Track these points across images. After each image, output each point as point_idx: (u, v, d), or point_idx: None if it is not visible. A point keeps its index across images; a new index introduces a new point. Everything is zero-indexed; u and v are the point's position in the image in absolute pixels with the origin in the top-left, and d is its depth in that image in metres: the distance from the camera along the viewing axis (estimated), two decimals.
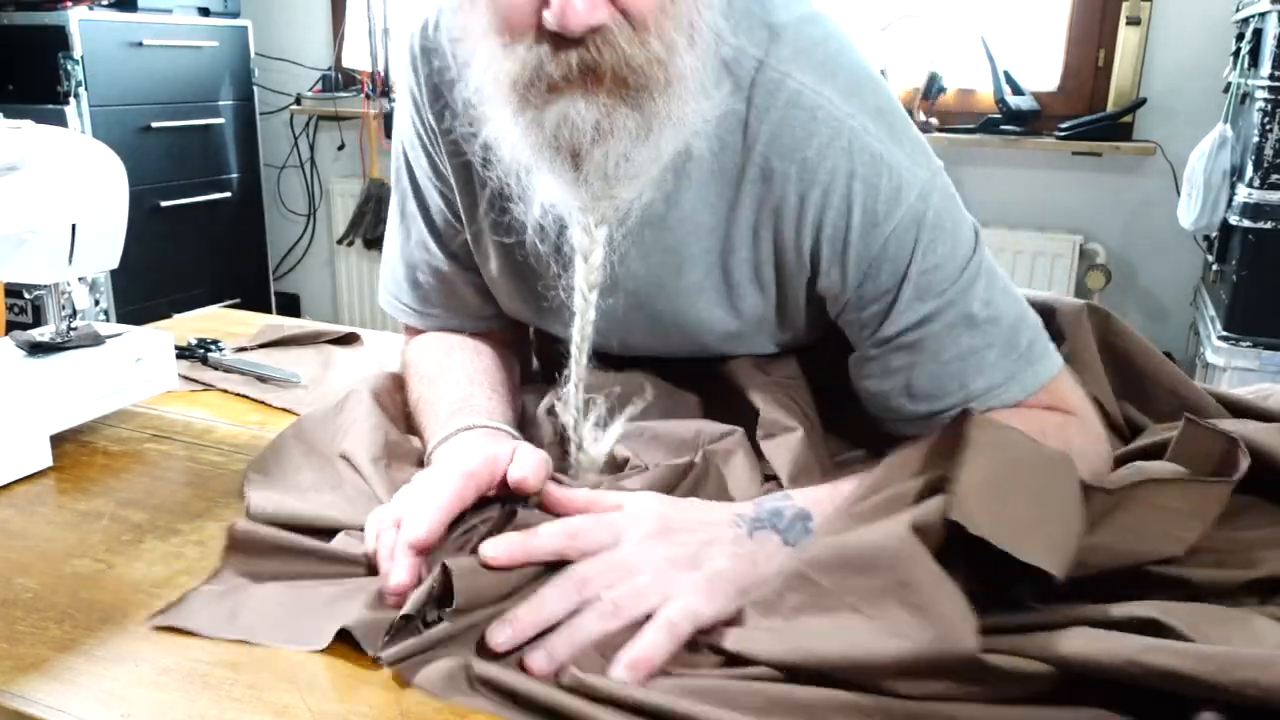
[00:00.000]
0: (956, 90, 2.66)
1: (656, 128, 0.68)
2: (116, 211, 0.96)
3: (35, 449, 0.87)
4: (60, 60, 2.71)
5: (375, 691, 0.58)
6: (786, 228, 0.76)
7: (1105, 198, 2.60)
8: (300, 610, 0.64)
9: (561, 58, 0.65)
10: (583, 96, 0.66)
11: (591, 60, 0.65)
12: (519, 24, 0.66)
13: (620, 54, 0.65)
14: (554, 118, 0.67)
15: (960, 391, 0.75)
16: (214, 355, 1.17)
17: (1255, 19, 1.97)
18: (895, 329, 0.75)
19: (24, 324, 2.77)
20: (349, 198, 3.35)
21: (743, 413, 0.84)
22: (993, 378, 0.75)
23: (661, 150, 0.70)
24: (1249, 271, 1.92)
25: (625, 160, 0.69)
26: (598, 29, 0.64)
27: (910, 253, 0.73)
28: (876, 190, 0.72)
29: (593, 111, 0.66)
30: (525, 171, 0.74)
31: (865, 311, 0.76)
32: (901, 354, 0.76)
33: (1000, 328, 0.75)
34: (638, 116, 0.68)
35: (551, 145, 0.68)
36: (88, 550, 0.74)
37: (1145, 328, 2.62)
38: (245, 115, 3.24)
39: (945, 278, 0.73)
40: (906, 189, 0.72)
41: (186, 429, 0.98)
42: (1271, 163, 1.87)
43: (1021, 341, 0.76)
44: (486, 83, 0.69)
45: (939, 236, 0.73)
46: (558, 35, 0.64)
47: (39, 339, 0.94)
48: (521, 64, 0.66)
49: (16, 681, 0.59)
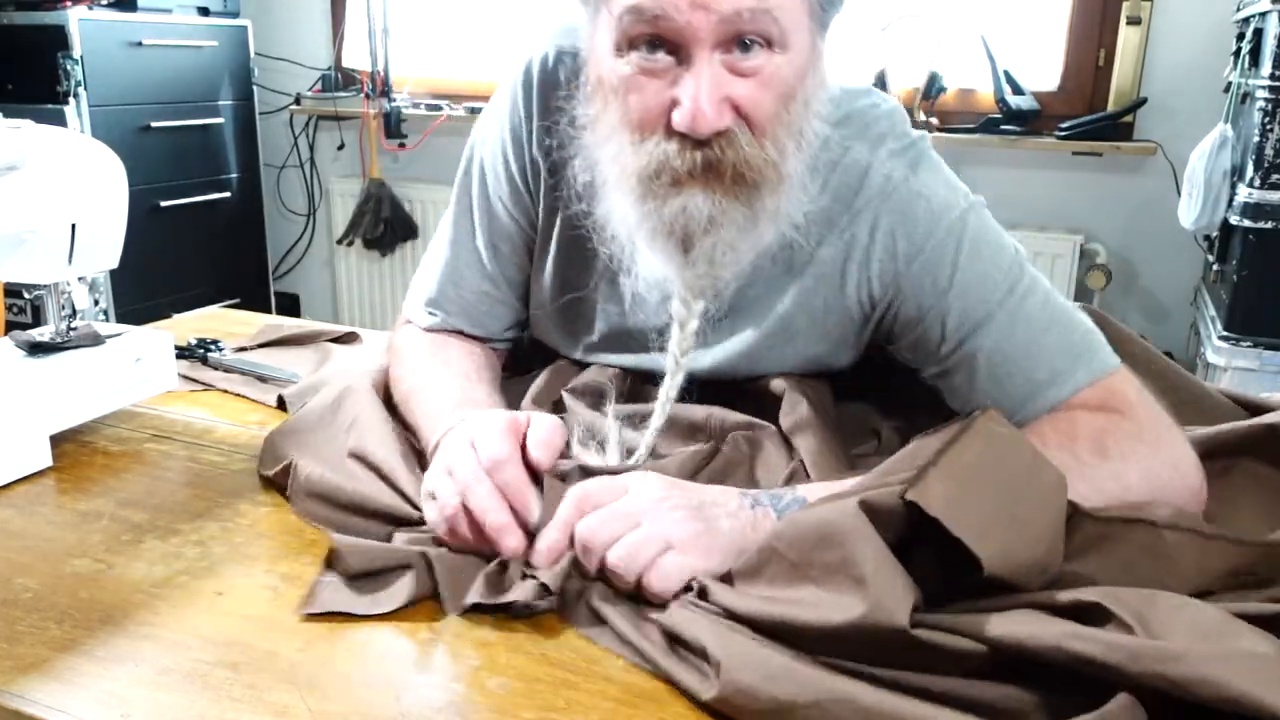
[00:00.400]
0: (956, 90, 2.66)
1: (762, 221, 0.77)
2: (116, 211, 0.96)
3: (35, 449, 0.87)
4: (60, 60, 2.71)
5: (375, 691, 0.58)
6: (847, 279, 0.84)
7: (1105, 198, 2.60)
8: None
9: (687, 155, 0.73)
10: (701, 191, 0.74)
11: (715, 159, 0.73)
12: (650, 123, 0.74)
13: (741, 154, 0.73)
14: (674, 209, 0.75)
15: (1026, 385, 0.78)
16: (214, 355, 1.17)
17: (1256, 19, 1.97)
18: (952, 343, 0.81)
19: (24, 324, 2.77)
20: (349, 198, 3.35)
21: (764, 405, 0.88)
22: (1056, 364, 0.78)
23: (761, 239, 0.79)
24: (1249, 271, 1.91)
25: (731, 249, 0.77)
26: (722, 132, 0.72)
27: (952, 266, 0.79)
28: (915, 220, 0.80)
29: (708, 205, 0.74)
30: (634, 248, 0.82)
31: (920, 331, 0.82)
32: (962, 366, 0.81)
33: (1055, 322, 0.79)
34: (746, 211, 0.76)
35: (666, 232, 0.76)
36: (88, 550, 0.74)
37: (1145, 328, 2.62)
38: (245, 115, 3.24)
39: (992, 286, 0.79)
40: (945, 212, 0.80)
41: (186, 429, 0.98)
42: (1272, 162, 1.87)
43: (1077, 334, 0.80)
44: (613, 173, 0.77)
45: (980, 250, 0.80)
46: (685, 135, 0.72)
47: (39, 339, 0.94)
48: (649, 158, 0.74)
49: (16, 682, 0.59)
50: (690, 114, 0.70)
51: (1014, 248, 0.83)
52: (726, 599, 0.62)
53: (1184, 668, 0.48)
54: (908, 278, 0.81)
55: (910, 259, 0.81)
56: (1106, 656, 0.50)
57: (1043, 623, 0.53)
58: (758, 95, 0.72)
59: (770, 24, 0.71)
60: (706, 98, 0.70)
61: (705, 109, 0.70)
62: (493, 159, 0.93)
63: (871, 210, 0.81)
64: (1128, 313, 2.65)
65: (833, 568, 0.58)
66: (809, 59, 0.75)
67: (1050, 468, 0.61)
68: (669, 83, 0.72)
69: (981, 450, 0.59)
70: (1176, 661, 0.48)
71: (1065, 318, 0.80)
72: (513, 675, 0.60)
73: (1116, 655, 0.49)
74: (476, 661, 0.61)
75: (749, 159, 0.73)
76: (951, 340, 0.80)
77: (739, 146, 0.73)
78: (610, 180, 0.78)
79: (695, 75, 0.70)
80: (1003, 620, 0.54)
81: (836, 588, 0.57)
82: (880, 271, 0.82)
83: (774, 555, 0.62)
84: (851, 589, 0.56)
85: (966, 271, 0.79)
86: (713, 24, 0.69)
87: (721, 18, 0.69)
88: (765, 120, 0.73)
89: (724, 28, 0.70)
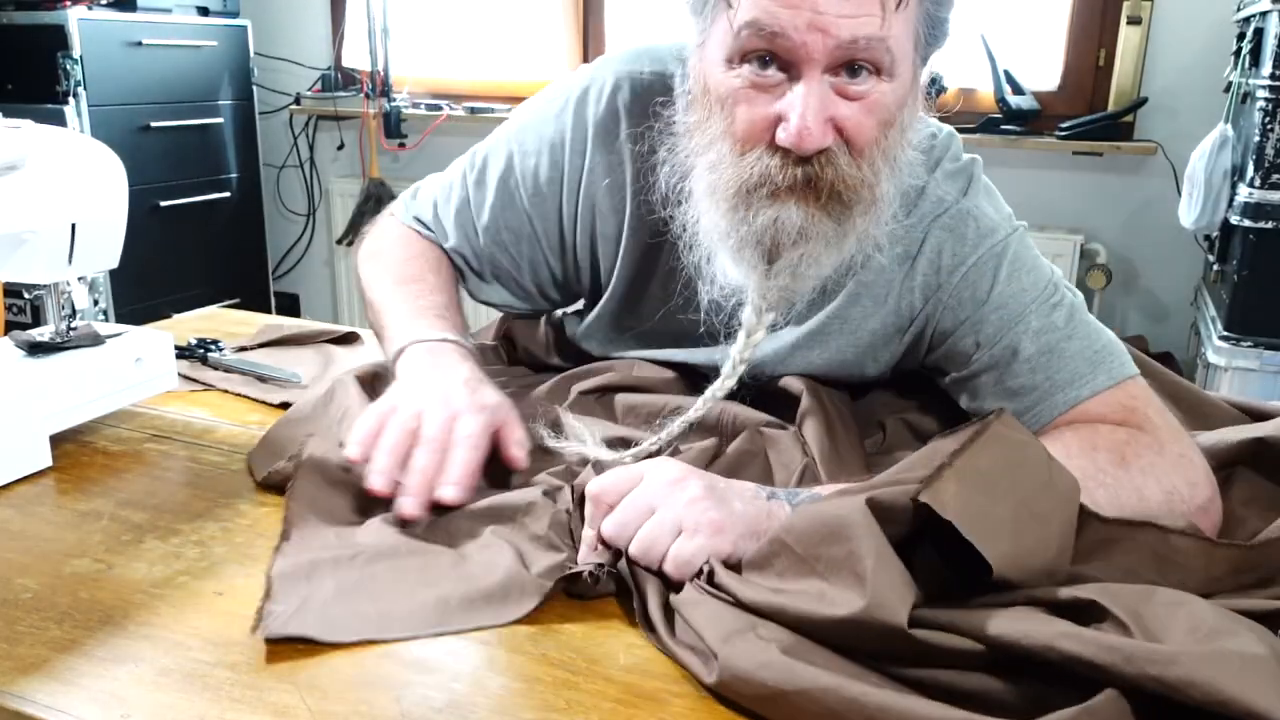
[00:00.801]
0: (957, 90, 2.66)
1: (849, 238, 0.79)
2: (116, 211, 0.95)
3: (35, 449, 0.87)
4: (59, 60, 2.71)
5: (375, 691, 0.58)
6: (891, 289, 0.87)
7: (1106, 197, 2.60)
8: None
9: (789, 170, 0.75)
10: (796, 204, 0.76)
11: (814, 175, 0.75)
12: (755, 136, 0.75)
13: (840, 173, 0.75)
14: (766, 219, 0.76)
15: (1045, 384, 0.81)
16: (214, 355, 1.17)
17: (1256, 18, 1.97)
18: (983, 354, 0.84)
19: (24, 324, 2.77)
20: (348, 198, 3.35)
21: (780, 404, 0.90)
22: (1077, 367, 0.81)
23: (845, 257, 0.81)
24: (1250, 271, 1.91)
25: (815, 262, 0.79)
26: (824, 150, 0.74)
27: (992, 281, 0.83)
28: (963, 238, 0.84)
29: (801, 217, 0.76)
30: (713, 254, 0.83)
31: (953, 343, 0.85)
32: (986, 370, 0.84)
33: (1078, 331, 0.83)
34: (836, 227, 0.78)
35: (755, 241, 0.78)
36: (87, 550, 0.74)
37: (1146, 328, 2.62)
38: (245, 115, 3.24)
39: (1027, 300, 0.83)
40: (991, 233, 0.84)
41: (186, 429, 0.98)
42: (1272, 162, 1.87)
43: (1100, 342, 0.83)
44: (710, 180, 0.79)
45: (1019, 270, 0.84)
46: (787, 150, 0.74)
47: (39, 339, 0.94)
48: (751, 171, 0.76)
49: (16, 682, 0.59)
50: (797, 131, 0.72)
51: (1051, 270, 0.86)
52: (732, 585, 0.62)
53: (1177, 670, 0.48)
54: (948, 289, 0.85)
55: (952, 271, 0.84)
56: (1100, 658, 0.50)
57: (1038, 621, 0.54)
58: (861, 119, 0.74)
59: (883, 53, 0.73)
60: (814, 117, 0.72)
61: (811, 127, 0.72)
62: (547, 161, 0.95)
63: (923, 227, 0.85)
64: (1128, 313, 2.65)
65: (837, 562, 0.58)
66: (910, 89, 0.78)
67: (1064, 473, 0.61)
68: (777, 97, 0.74)
69: (996, 454, 0.59)
70: (1169, 664, 0.49)
71: (1090, 329, 0.84)
72: (513, 675, 0.60)
73: (1110, 657, 0.50)
74: (476, 661, 0.61)
75: (846, 178, 0.75)
76: (983, 351, 0.84)
77: (839, 165, 0.75)
78: (702, 188, 0.80)
79: (805, 94, 0.72)
80: (999, 618, 0.54)
81: (841, 582, 0.57)
82: (923, 284, 0.86)
83: (783, 548, 0.62)
84: (854, 584, 0.56)
85: (1004, 287, 0.83)
86: (829, 47, 0.71)
87: (839, 43, 0.71)
88: (865, 144, 0.75)
89: (839, 52, 0.72)
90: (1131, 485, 0.72)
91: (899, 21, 0.72)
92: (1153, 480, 0.73)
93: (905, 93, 0.77)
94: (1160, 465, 0.74)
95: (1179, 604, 0.54)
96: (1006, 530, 0.56)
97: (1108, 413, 0.79)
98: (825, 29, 0.70)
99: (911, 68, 0.77)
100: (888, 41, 0.72)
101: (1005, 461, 0.59)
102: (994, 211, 0.86)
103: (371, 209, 3.25)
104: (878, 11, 0.71)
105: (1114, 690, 0.50)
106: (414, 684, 0.59)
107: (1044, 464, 0.61)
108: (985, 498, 0.57)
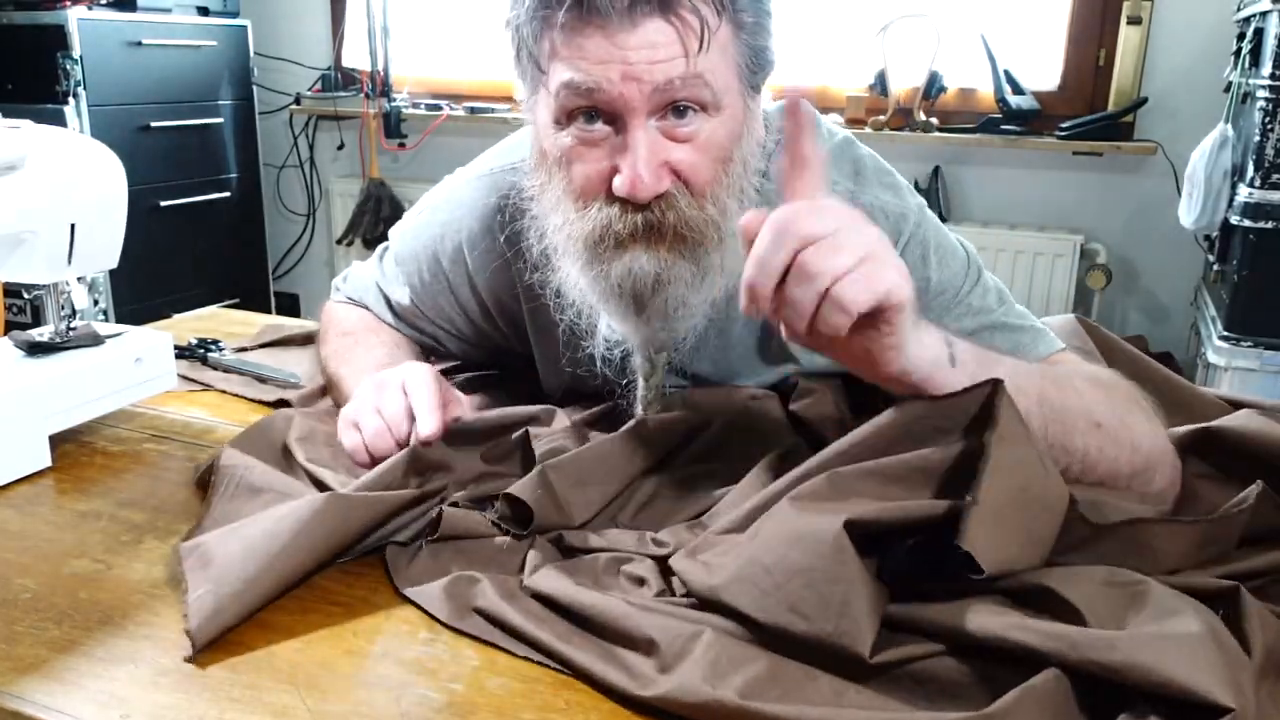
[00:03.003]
0: (957, 90, 2.66)
1: (710, 276, 0.79)
2: (116, 211, 0.95)
3: (35, 449, 0.87)
4: (59, 60, 2.71)
5: (375, 691, 0.58)
6: None
7: (1106, 197, 2.60)
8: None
9: (629, 218, 0.75)
10: (645, 251, 0.76)
11: (656, 220, 0.76)
12: (591, 191, 0.76)
13: (681, 216, 0.76)
14: (620, 270, 0.77)
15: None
16: (214, 355, 1.16)
17: (1256, 18, 1.97)
18: None
19: (23, 324, 2.77)
20: (348, 198, 3.35)
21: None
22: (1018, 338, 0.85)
23: (714, 292, 0.81)
24: (1250, 271, 1.91)
25: (683, 304, 0.80)
26: (662, 195, 0.75)
27: (923, 269, 0.83)
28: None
29: (654, 264, 0.77)
30: (592, 312, 0.84)
31: None
32: None
33: (1009, 308, 0.85)
34: (693, 267, 0.78)
35: (616, 293, 0.79)
36: (87, 551, 0.74)
37: (1145, 328, 2.62)
38: (244, 115, 3.24)
39: (956, 283, 0.84)
40: (902, 222, 0.83)
41: (186, 429, 0.98)
42: (1272, 162, 1.87)
43: (1028, 317, 0.85)
44: (561, 240, 0.80)
45: (944, 256, 0.84)
46: (626, 199, 0.75)
47: (38, 339, 0.94)
48: (593, 224, 0.76)
49: (16, 683, 0.59)
50: (629, 180, 0.73)
51: (962, 245, 0.87)
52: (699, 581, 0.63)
53: (1118, 655, 0.52)
54: None
55: None
56: (1046, 645, 0.54)
57: (992, 614, 0.57)
58: (694, 159, 0.75)
59: (702, 89, 0.73)
60: (644, 165, 0.73)
61: (643, 175, 0.73)
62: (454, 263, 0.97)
63: None
64: (1128, 313, 2.65)
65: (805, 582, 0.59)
66: (742, 120, 0.78)
67: (1056, 479, 0.63)
68: (608, 151, 0.75)
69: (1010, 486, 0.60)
70: (1111, 649, 0.52)
71: (1016, 306, 0.86)
72: (513, 675, 0.60)
73: (1056, 644, 0.53)
74: (476, 662, 0.61)
75: (689, 220, 0.76)
76: None
77: (679, 208, 0.75)
78: (560, 247, 0.81)
79: (633, 143, 0.73)
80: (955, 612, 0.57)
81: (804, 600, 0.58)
82: None
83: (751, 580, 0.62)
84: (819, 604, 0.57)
85: (938, 274, 0.84)
86: (646, 94, 0.72)
87: (655, 87, 0.72)
88: (704, 183, 0.76)
89: (657, 97, 0.72)
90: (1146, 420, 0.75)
91: (714, 56, 0.73)
92: (1156, 426, 0.76)
93: (737, 126, 0.77)
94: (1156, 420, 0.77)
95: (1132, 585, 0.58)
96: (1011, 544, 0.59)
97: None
98: (638, 77, 0.71)
99: (741, 98, 0.77)
100: (704, 77, 0.72)
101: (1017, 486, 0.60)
102: (894, 198, 0.85)
103: (371, 209, 3.25)
104: (682, 52, 0.71)
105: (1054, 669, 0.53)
106: (414, 684, 0.59)
107: (1041, 472, 0.62)
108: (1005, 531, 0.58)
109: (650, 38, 0.71)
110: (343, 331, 1.03)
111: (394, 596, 0.68)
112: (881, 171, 0.87)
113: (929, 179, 2.67)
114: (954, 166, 2.69)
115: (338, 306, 1.08)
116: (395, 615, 0.66)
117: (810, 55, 2.76)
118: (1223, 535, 0.67)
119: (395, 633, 0.64)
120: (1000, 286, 0.87)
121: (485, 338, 1.02)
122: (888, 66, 2.61)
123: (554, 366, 0.97)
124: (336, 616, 0.66)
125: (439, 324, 1.02)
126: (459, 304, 0.99)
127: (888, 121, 2.60)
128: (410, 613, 0.66)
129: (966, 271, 0.84)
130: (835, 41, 2.74)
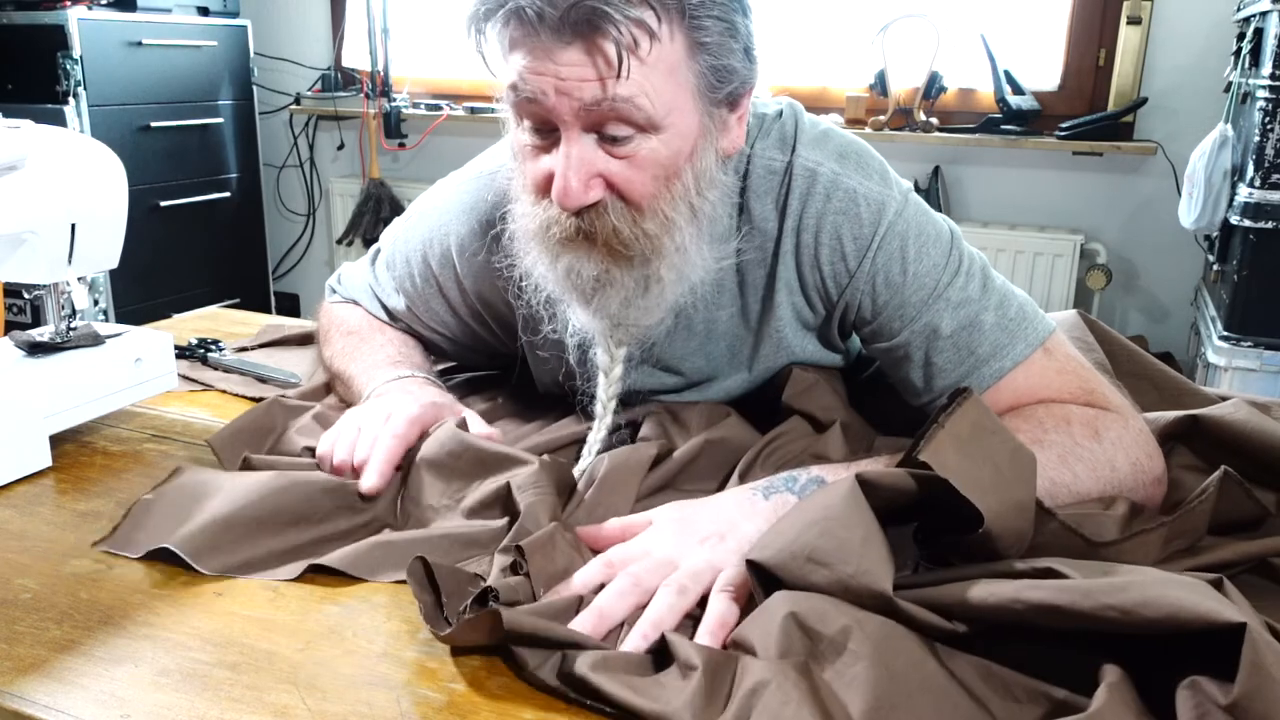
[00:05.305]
0: (957, 90, 2.66)
1: (655, 284, 0.80)
2: (116, 211, 0.95)
3: (35, 449, 0.87)
4: (59, 60, 2.71)
5: (375, 691, 0.58)
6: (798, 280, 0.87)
7: (1106, 197, 2.60)
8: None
9: (565, 221, 0.77)
10: (584, 254, 0.78)
11: (587, 228, 0.77)
12: (540, 188, 0.78)
13: (610, 226, 0.77)
14: (563, 266, 0.79)
15: (970, 359, 0.83)
16: (214, 355, 1.17)
17: (1256, 18, 1.97)
18: (907, 330, 0.84)
19: (24, 324, 2.77)
20: (348, 198, 3.35)
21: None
22: (996, 338, 0.82)
23: (666, 298, 0.81)
24: (1250, 271, 1.91)
25: (628, 306, 0.80)
26: (592, 205, 0.76)
27: (902, 261, 0.83)
28: (859, 219, 0.83)
29: (592, 267, 0.78)
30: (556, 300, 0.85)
31: (877, 325, 0.86)
32: (911, 347, 0.85)
33: (993, 300, 0.84)
34: (635, 274, 0.79)
35: (563, 286, 0.80)
36: (87, 551, 0.74)
37: (1146, 328, 2.62)
38: (244, 115, 3.24)
39: (939, 274, 0.83)
40: (884, 210, 0.83)
41: (186, 429, 0.98)
42: (1272, 162, 1.87)
43: (1012, 307, 0.84)
44: (521, 228, 0.82)
45: (924, 242, 0.84)
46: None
47: (39, 339, 0.94)
48: (541, 220, 0.78)
49: (16, 682, 0.59)
50: (558, 190, 0.75)
51: (948, 228, 0.86)
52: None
53: (1130, 594, 0.53)
54: (861, 276, 0.84)
55: (859, 258, 0.84)
56: (1060, 599, 0.55)
57: (1000, 584, 0.58)
58: (629, 174, 0.75)
59: (633, 111, 0.73)
60: (573, 174, 0.74)
61: (571, 185, 0.74)
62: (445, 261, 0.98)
63: (811, 213, 0.84)
64: (1128, 313, 2.65)
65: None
66: (696, 136, 0.77)
67: (1023, 449, 0.65)
68: (552, 155, 0.76)
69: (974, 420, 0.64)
70: (1123, 591, 0.53)
71: (1002, 294, 0.85)
72: (512, 675, 0.60)
73: (1070, 596, 0.54)
74: (476, 662, 0.61)
75: (618, 231, 0.77)
76: (906, 330, 0.84)
77: (608, 219, 0.76)
78: (521, 231, 0.82)
79: (565, 153, 0.74)
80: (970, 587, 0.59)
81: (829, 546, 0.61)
82: (833, 273, 0.86)
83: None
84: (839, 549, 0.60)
85: (915, 265, 0.83)
86: (575, 109, 0.73)
87: (583, 105, 0.72)
88: (641, 197, 0.76)
89: (586, 114, 0.73)
90: (1105, 457, 0.77)
91: (657, 78, 0.72)
92: (1121, 453, 0.77)
93: (686, 143, 0.76)
94: (1126, 438, 0.78)
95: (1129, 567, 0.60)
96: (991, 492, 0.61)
97: (1065, 394, 0.82)
98: (568, 93, 0.72)
99: (696, 115, 0.76)
100: (635, 100, 0.72)
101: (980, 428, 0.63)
102: (878, 184, 0.84)
103: (371, 209, 3.25)
104: (600, 75, 0.71)
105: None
106: (414, 684, 0.59)
107: (1008, 436, 0.65)
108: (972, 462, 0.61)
109: (579, 56, 0.71)
110: (348, 330, 1.03)
111: (394, 597, 0.68)
112: (865, 155, 0.86)
113: (929, 179, 2.67)
114: (954, 166, 2.70)
115: (337, 306, 1.08)
116: (395, 615, 0.66)
117: (810, 55, 2.76)
118: (1188, 528, 0.69)
119: (395, 633, 0.64)
120: (985, 268, 0.86)
121: (479, 340, 1.03)
122: (888, 66, 2.61)
123: (545, 366, 0.97)
124: (336, 616, 0.66)
125: (433, 327, 1.02)
126: (450, 307, 1.00)
127: (888, 121, 2.60)
128: (410, 613, 0.66)
129: (947, 261, 0.84)
130: (835, 41, 2.74)
